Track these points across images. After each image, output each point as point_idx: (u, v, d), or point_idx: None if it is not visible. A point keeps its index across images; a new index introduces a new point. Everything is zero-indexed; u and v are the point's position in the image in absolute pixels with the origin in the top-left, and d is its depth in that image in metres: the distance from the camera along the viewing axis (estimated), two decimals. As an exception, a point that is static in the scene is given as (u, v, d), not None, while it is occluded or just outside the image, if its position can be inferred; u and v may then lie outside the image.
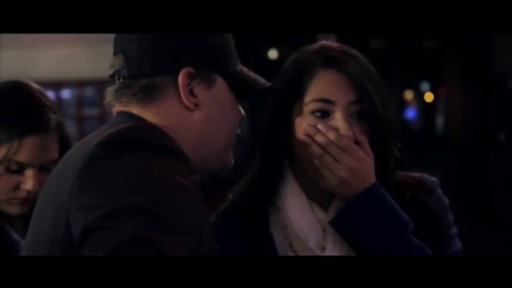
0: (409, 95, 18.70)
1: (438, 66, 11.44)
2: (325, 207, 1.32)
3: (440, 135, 12.12)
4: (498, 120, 10.06)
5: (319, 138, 1.23)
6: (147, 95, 1.17)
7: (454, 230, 1.36)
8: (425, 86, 18.23)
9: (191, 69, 1.17)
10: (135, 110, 1.18)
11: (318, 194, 1.32)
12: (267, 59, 12.01)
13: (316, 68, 1.28)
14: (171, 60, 1.17)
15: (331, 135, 1.22)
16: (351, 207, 1.23)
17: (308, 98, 1.27)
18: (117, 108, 1.21)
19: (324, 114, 1.26)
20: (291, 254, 1.28)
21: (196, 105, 1.18)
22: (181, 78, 1.17)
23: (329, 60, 1.27)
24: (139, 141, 1.06)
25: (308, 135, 1.25)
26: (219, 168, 1.25)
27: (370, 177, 1.24)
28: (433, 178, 1.38)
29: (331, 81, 1.26)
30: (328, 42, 1.36)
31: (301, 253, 1.28)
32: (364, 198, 1.21)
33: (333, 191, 1.26)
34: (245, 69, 1.26)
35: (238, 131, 1.25)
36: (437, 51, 11.40)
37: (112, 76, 1.21)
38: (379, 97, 1.26)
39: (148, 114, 1.17)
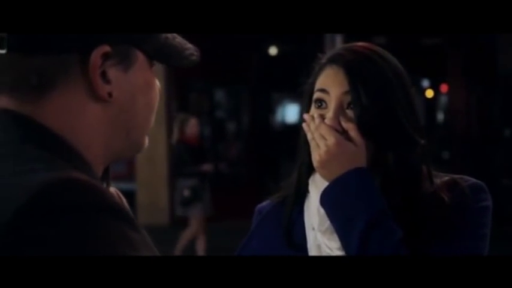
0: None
1: (440, 64, 11.43)
2: None
3: (443, 132, 12.11)
4: (502, 117, 10.06)
5: (311, 125, 1.37)
6: (41, 81, 0.86)
7: (477, 232, 1.37)
8: (426, 83, 18.25)
9: (108, 48, 0.87)
10: (27, 106, 0.87)
11: None
12: (268, 56, 12.23)
13: (323, 65, 1.41)
14: (79, 33, 0.86)
15: (316, 122, 1.36)
16: (326, 189, 1.35)
17: (314, 90, 1.42)
18: None
19: (323, 105, 1.39)
20: (311, 230, 1.39)
21: (110, 95, 0.89)
22: (94, 58, 0.87)
23: (334, 57, 1.40)
24: (63, 211, 0.77)
25: (306, 123, 1.39)
26: (132, 155, 1.02)
27: (352, 162, 1.33)
28: (473, 181, 1.41)
29: (330, 74, 1.39)
30: (354, 43, 1.44)
31: (316, 228, 1.38)
32: (338, 181, 1.33)
33: (318, 172, 1.38)
34: (170, 37, 0.98)
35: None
36: (439, 48, 11.40)
37: None
38: (372, 90, 1.34)
39: (43, 112, 0.87)
